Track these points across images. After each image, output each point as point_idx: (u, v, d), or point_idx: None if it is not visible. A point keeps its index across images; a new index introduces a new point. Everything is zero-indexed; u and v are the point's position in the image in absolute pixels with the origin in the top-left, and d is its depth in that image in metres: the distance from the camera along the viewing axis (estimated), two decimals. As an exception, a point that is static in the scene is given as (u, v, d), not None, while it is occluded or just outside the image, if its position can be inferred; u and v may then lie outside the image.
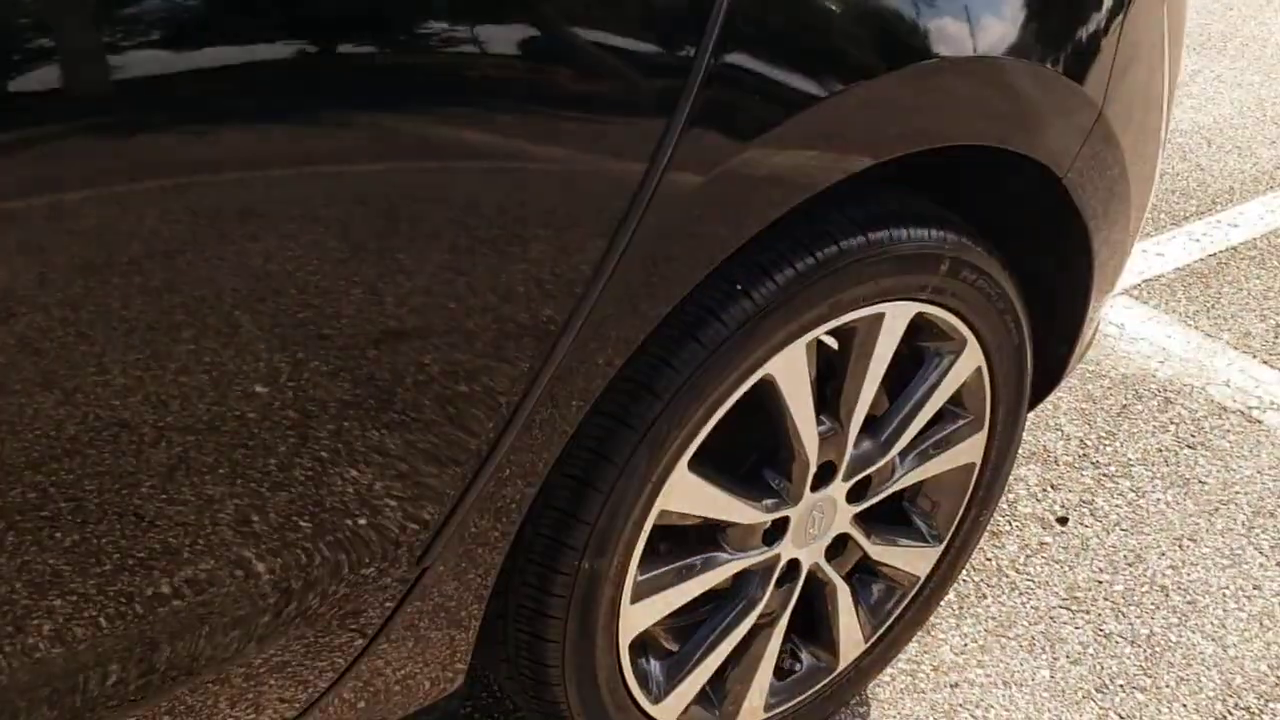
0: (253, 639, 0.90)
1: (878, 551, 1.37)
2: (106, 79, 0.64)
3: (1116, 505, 1.89)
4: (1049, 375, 1.50)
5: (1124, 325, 2.36)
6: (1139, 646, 1.63)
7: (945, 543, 1.45)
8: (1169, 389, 2.18)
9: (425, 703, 1.09)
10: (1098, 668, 1.59)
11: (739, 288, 1.04)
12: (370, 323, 0.80)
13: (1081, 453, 2.00)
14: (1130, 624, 1.66)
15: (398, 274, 0.79)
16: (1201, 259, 2.64)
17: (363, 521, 0.89)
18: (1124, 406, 2.13)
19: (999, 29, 1.08)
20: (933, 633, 1.64)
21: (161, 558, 0.81)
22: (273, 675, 0.94)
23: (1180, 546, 1.80)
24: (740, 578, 1.26)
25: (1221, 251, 2.67)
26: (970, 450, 1.39)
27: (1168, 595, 1.71)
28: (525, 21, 0.78)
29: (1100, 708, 1.54)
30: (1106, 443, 2.03)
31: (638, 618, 1.17)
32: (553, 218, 0.84)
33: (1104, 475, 1.95)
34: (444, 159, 0.77)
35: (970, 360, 1.31)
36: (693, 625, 1.27)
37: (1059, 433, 2.03)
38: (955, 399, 1.34)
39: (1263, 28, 4.03)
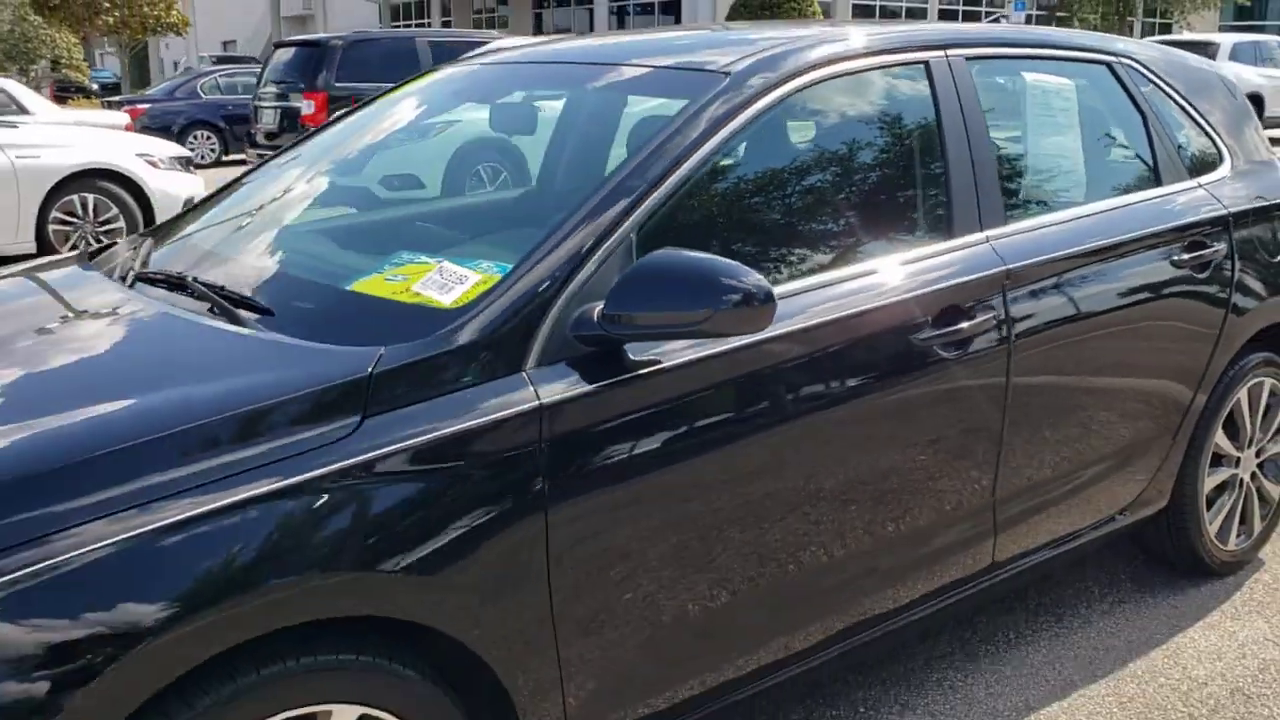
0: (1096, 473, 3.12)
1: (1267, 484, 3.57)
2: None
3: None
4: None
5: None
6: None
7: (1285, 485, 3.65)
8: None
9: (1146, 513, 3.28)
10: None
11: (1237, 365, 3.33)
12: (1138, 388, 3.11)
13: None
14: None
15: (1140, 376, 3.10)
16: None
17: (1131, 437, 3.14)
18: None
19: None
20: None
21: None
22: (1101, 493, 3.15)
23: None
24: (1224, 481, 3.46)
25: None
26: (1290, 445, 3.63)
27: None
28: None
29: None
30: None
31: (1206, 483, 3.39)
32: (1190, 358, 3.17)
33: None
34: (1149, 353, 3.12)
35: (1291, 404, 3.58)
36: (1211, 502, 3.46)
37: None
38: (1284, 421, 3.59)
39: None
